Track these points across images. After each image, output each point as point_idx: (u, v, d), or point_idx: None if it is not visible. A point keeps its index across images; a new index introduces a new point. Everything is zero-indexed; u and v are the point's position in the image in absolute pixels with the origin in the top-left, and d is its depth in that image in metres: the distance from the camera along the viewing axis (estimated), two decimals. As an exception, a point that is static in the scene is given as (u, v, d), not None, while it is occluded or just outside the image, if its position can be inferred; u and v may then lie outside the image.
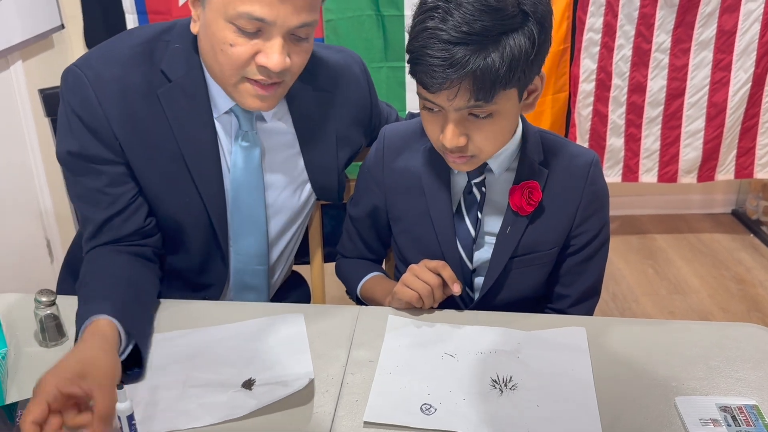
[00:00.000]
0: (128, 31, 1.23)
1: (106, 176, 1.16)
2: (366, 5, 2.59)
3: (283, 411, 0.99)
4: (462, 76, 0.98)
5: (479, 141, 1.08)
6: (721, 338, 1.14)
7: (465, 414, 0.96)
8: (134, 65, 1.14)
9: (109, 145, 1.15)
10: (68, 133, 1.16)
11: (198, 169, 1.20)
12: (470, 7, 0.97)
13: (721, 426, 0.94)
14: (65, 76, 1.16)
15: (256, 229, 1.29)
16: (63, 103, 1.16)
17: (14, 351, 1.10)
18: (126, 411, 0.85)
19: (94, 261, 1.18)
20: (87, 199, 1.19)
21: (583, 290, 1.26)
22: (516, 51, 0.99)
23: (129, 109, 1.14)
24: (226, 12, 1.04)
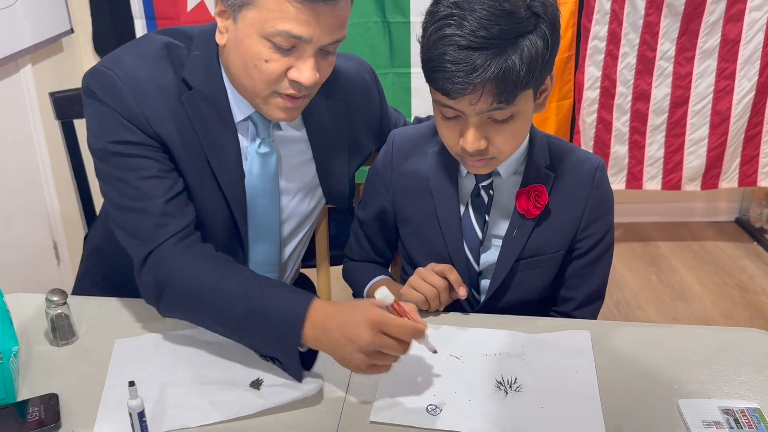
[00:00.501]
0: (148, 34, 1.23)
1: (158, 162, 1.14)
2: (372, 12, 2.62)
3: (291, 411, 1.00)
4: (485, 80, 1.00)
5: (499, 143, 1.10)
6: (724, 342, 1.15)
7: (470, 414, 0.98)
8: (163, 67, 1.15)
9: (152, 137, 1.13)
10: (111, 126, 1.13)
11: (223, 173, 1.20)
12: (484, 13, 0.99)
13: (724, 428, 0.95)
14: (95, 77, 1.14)
15: (270, 237, 1.31)
16: (95, 102, 1.13)
17: (25, 350, 1.12)
18: (137, 408, 0.86)
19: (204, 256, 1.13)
20: (142, 189, 1.12)
21: (588, 293, 1.27)
22: (533, 52, 1.01)
23: (163, 108, 1.13)
24: (263, 29, 1.05)
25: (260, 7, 1.04)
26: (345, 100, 1.31)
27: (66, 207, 2.57)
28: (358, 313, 0.97)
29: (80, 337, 1.15)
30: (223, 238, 1.25)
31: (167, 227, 1.12)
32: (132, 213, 1.13)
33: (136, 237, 1.13)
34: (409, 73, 2.71)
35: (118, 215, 1.15)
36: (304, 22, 1.04)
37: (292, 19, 1.03)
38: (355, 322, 0.97)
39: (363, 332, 0.95)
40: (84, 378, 1.06)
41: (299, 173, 1.31)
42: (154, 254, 1.11)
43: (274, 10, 1.03)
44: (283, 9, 1.02)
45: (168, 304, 1.12)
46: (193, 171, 1.18)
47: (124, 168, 1.13)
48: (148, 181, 1.13)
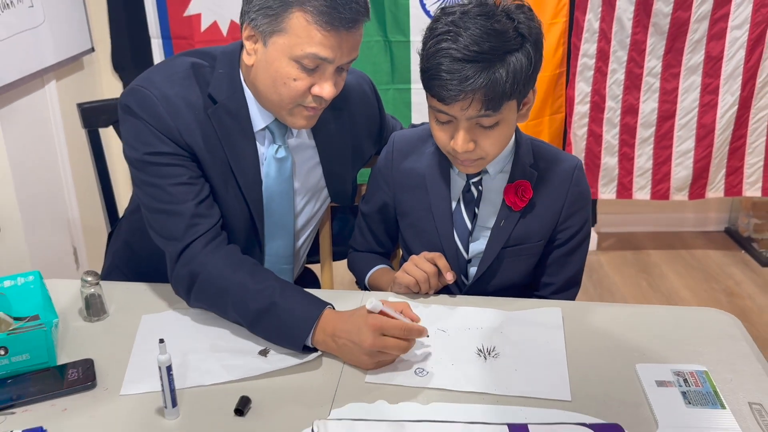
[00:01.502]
0: (175, 56, 1.38)
1: (190, 169, 1.29)
2: (374, 31, 2.78)
3: (294, 374, 1.14)
4: (475, 89, 1.16)
5: (485, 146, 1.25)
6: (683, 319, 1.29)
7: (453, 375, 1.11)
8: (190, 86, 1.30)
9: (183, 147, 1.28)
10: (143, 139, 1.27)
11: (243, 178, 1.35)
12: (477, 31, 1.15)
13: (674, 386, 1.08)
14: (132, 95, 1.28)
15: (286, 233, 1.46)
16: (132, 118, 1.28)
17: (62, 325, 1.26)
18: (165, 362, 1.00)
19: (232, 258, 1.27)
20: (175, 194, 1.26)
21: (566, 279, 1.41)
22: (518, 67, 1.17)
23: (192, 122, 1.28)
24: (292, 52, 1.21)
25: (290, 34, 1.20)
26: (348, 110, 1.46)
27: (85, 215, 2.72)
28: (359, 321, 1.14)
29: (110, 315, 1.30)
30: (243, 235, 1.40)
31: (198, 227, 1.27)
32: (166, 215, 1.28)
33: (169, 236, 1.28)
34: (409, 89, 2.87)
35: (152, 218, 1.30)
36: (328, 46, 1.20)
37: (318, 43, 1.19)
38: (358, 328, 1.13)
39: (366, 336, 1.11)
40: (114, 347, 1.20)
41: (308, 176, 1.46)
42: (187, 251, 1.27)
43: (302, 36, 1.19)
44: (311, 35, 1.19)
45: (198, 296, 1.27)
46: (217, 176, 1.33)
47: (159, 175, 1.28)
48: (179, 187, 1.28)
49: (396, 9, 2.74)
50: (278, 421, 1.02)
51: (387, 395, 1.07)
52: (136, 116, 1.28)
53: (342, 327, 1.15)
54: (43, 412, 1.05)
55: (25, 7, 2.29)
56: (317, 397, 1.07)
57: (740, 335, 1.24)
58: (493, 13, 1.17)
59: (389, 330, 1.12)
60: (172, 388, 1.02)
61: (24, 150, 2.36)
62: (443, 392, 1.08)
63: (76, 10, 2.68)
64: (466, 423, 0.99)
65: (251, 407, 1.05)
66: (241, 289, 1.22)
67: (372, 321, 1.12)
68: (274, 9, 1.19)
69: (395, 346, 1.12)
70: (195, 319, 1.28)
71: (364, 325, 1.12)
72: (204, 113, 1.30)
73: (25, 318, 1.17)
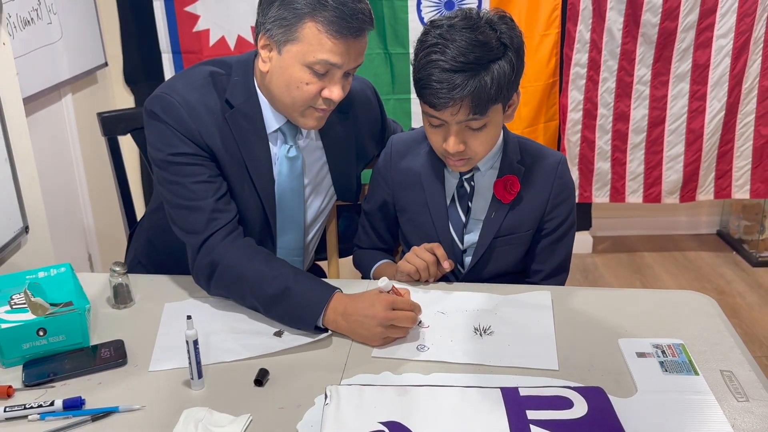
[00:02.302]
0: (194, 66, 1.50)
1: (208, 169, 1.41)
2: (375, 44, 2.91)
3: (306, 352, 1.25)
4: (463, 96, 1.28)
5: (474, 146, 1.37)
6: (667, 301, 1.40)
7: (452, 350, 1.22)
8: (209, 92, 1.42)
9: (204, 149, 1.40)
10: (167, 141, 1.39)
11: (258, 177, 1.47)
12: (463, 43, 1.27)
13: (653, 357, 1.19)
14: (156, 101, 1.40)
15: (297, 227, 1.58)
16: (157, 122, 1.40)
17: (92, 312, 1.37)
18: (192, 337, 1.11)
19: (250, 249, 1.39)
20: (195, 191, 1.38)
21: (555, 266, 1.53)
22: (501, 74, 1.29)
23: (211, 125, 1.41)
24: (305, 59, 1.33)
25: (303, 42, 1.32)
26: (353, 113, 1.59)
27: (99, 222, 2.83)
28: (372, 298, 1.27)
29: (136, 303, 1.41)
30: (258, 229, 1.52)
31: (217, 221, 1.39)
32: (188, 211, 1.40)
33: (191, 230, 1.40)
34: (409, 99, 2.99)
35: (175, 213, 1.42)
36: (338, 53, 1.32)
37: (329, 50, 1.32)
38: (371, 304, 1.25)
39: (379, 310, 1.23)
40: (141, 330, 1.31)
41: (317, 174, 1.58)
42: (207, 242, 1.38)
43: (314, 44, 1.31)
44: (322, 43, 1.31)
45: (217, 284, 1.38)
46: (234, 175, 1.45)
47: (181, 174, 1.40)
48: (200, 185, 1.40)
49: (395, 23, 2.86)
50: (294, 390, 1.13)
51: (392, 367, 1.18)
52: (161, 120, 1.39)
53: (353, 305, 1.27)
54: (80, 385, 1.16)
55: (44, 24, 2.41)
56: (328, 369, 1.18)
57: (715, 313, 1.35)
58: (477, 25, 1.29)
59: (399, 304, 1.25)
60: (198, 361, 1.12)
61: (42, 159, 2.47)
62: (442, 364, 1.19)
63: (91, 27, 2.82)
64: (463, 387, 1.09)
65: (269, 378, 1.15)
66: (258, 276, 1.33)
67: (384, 297, 1.25)
68: (289, 20, 1.31)
69: (405, 318, 1.24)
70: (214, 306, 1.39)
71: (377, 301, 1.25)
72: (222, 117, 1.42)
73: (60, 304, 1.28)
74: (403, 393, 1.08)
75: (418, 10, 2.86)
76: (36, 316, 1.22)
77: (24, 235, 1.74)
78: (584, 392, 1.07)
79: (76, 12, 2.68)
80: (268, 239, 1.54)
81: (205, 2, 2.83)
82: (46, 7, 2.42)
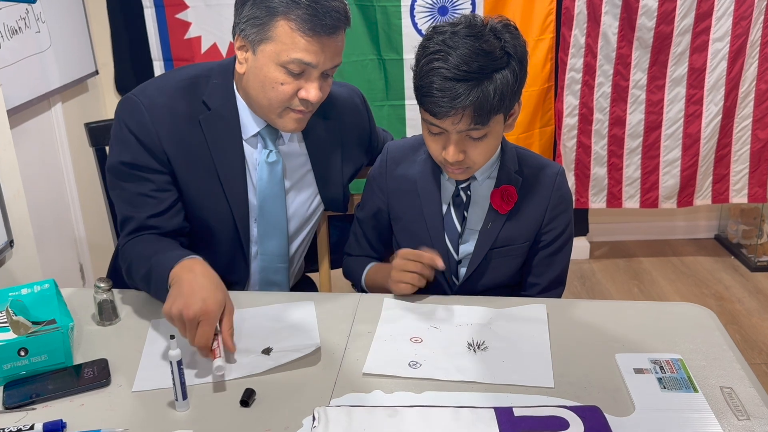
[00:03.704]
0: (176, 69, 1.50)
1: (153, 183, 1.41)
2: (369, 50, 2.89)
3: (296, 369, 1.21)
4: (465, 105, 1.25)
5: (474, 156, 1.34)
6: (662, 313, 1.37)
7: (445, 366, 1.19)
8: (181, 96, 1.41)
9: (158, 158, 1.40)
10: (123, 147, 1.40)
11: (228, 183, 1.45)
12: (466, 51, 1.24)
13: (651, 373, 1.16)
14: (124, 102, 1.42)
15: (279, 233, 1.55)
16: (119, 124, 1.41)
17: (76, 329, 1.34)
18: (176, 357, 1.07)
19: (147, 240, 1.41)
20: (134, 202, 1.41)
21: (551, 279, 1.50)
22: (504, 84, 1.26)
23: (176, 130, 1.40)
24: (279, 58, 1.32)
25: (276, 41, 1.31)
26: (339, 119, 1.56)
27: (91, 233, 2.80)
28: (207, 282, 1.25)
29: (122, 319, 1.38)
30: (228, 236, 1.50)
31: (138, 232, 1.42)
32: (121, 216, 1.44)
33: (119, 233, 1.45)
34: (403, 105, 2.96)
35: (119, 216, 1.45)
36: (312, 52, 1.31)
37: (303, 49, 1.30)
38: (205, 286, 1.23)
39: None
40: (126, 349, 1.28)
41: (300, 181, 1.55)
42: (122, 248, 1.44)
43: (288, 43, 1.30)
44: (296, 41, 1.30)
45: (127, 279, 1.43)
46: (201, 181, 1.44)
47: (124, 181, 1.42)
48: (139, 198, 1.41)
49: (389, 28, 2.84)
50: (282, 411, 1.09)
51: (382, 386, 1.15)
52: (122, 122, 1.40)
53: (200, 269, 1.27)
54: (62, 407, 1.12)
55: (32, 32, 2.38)
56: (317, 389, 1.15)
57: (714, 326, 1.31)
58: (482, 33, 1.26)
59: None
60: (183, 382, 1.09)
61: (32, 170, 2.44)
62: (435, 382, 1.16)
63: (81, 35, 2.79)
64: (455, 407, 1.06)
65: (256, 398, 1.12)
66: (135, 263, 1.38)
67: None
68: (261, 19, 1.30)
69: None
70: (201, 322, 1.36)
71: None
72: (191, 122, 1.41)
73: (43, 322, 1.24)
74: (393, 414, 1.04)
75: (411, 16, 2.83)
76: (17, 336, 1.19)
77: (8, 250, 1.71)
78: (580, 411, 1.04)
79: (66, 20, 2.65)
80: (237, 247, 1.52)
81: (196, 9, 2.80)
82: (34, 15, 2.39)
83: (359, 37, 2.83)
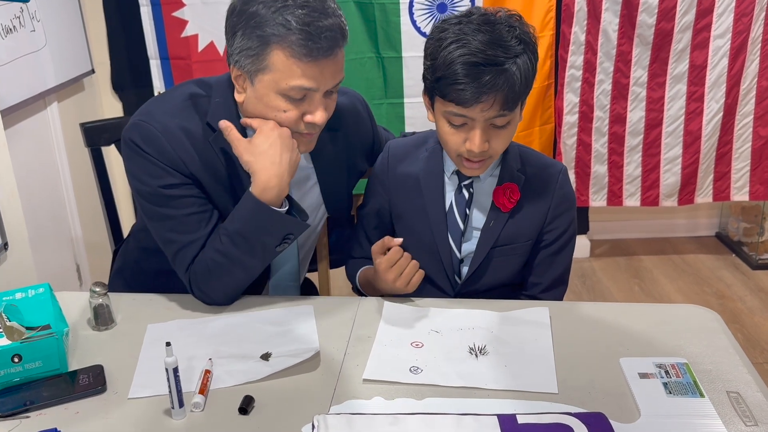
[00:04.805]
0: (173, 88, 1.44)
1: (197, 199, 1.36)
2: (367, 48, 2.86)
3: (295, 375, 1.19)
4: (496, 90, 1.24)
5: (497, 145, 1.33)
6: (667, 316, 1.35)
7: (446, 372, 1.17)
8: (189, 117, 1.36)
9: (188, 176, 1.35)
10: (153, 173, 1.33)
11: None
12: (487, 37, 1.24)
13: (656, 378, 1.14)
14: (135, 129, 1.34)
15: (291, 255, 1.53)
16: (137, 151, 1.34)
17: (72, 334, 1.31)
18: (172, 364, 1.05)
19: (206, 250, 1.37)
20: (188, 225, 1.35)
21: (553, 279, 1.48)
22: (526, 69, 1.27)
23: (194, 150, 1.35)
24: (278, 86, 1.27)
25: (273, 71, 1.26)
26: (343, 131, 1.52)
27: (88, 233, 2.78)
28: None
29: (117, 324, 1.35)
30: None
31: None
32: (181, 245, 1.37)
33: (181, 263, 1.38)
34: (402, 102, 2.94)
35: (167, 247, 1.39)
36: (311, 77, 1.27)
37: (301, 76, 1.26)
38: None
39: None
40: (122, 354, 1.25)
41: (306, 194, 1.52)
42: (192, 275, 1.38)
43: (285, 71, 1.26)
44: (292, 69, 1.25)
45: (204, 287, 1.37)
46: (222, 200, 1.40)
47: (173, 207, 1.35)
48: (193, 217, 1.36)
49: (387, 26, 2.82)
50: (281, 418, 1.07)
51: (383, 392, 1.13)
52: (142, 151, 1.33)
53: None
54: (57, 415, 1.10)
55: (27, 31, 2.36)
56: (317, 395, 1.13)
57: (720, 329, 1.29)
58: (496, 21, 1.26)
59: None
60: (179, 389, 1.07)
61: (28, 170, 2.42)
62: (436, 388, 1.14)
63: (77, 34, 2.76)
64: (458, 414, 1.04)
65: (254, 406, 1.10)
66: (215, 252, 1.35)
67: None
68: (254, 49, 1.26)
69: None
70: (198, 328, 1.34)
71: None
72: (204, 141, 1.36)
73: (37, 327, 1.22)
74: (394, 422, 1.02)
75: (410, 14, 2.81)
76: (11, 342, 1.17)
77: (3, 252, 1.69)
78: (585, 418, 1.02)
79: (61, 19, 2.62)
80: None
81: (192, 7, 2.78)
82: (29, 14, 2.36)
83: (358, 35, 2.81)
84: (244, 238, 1.33)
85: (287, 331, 1.32)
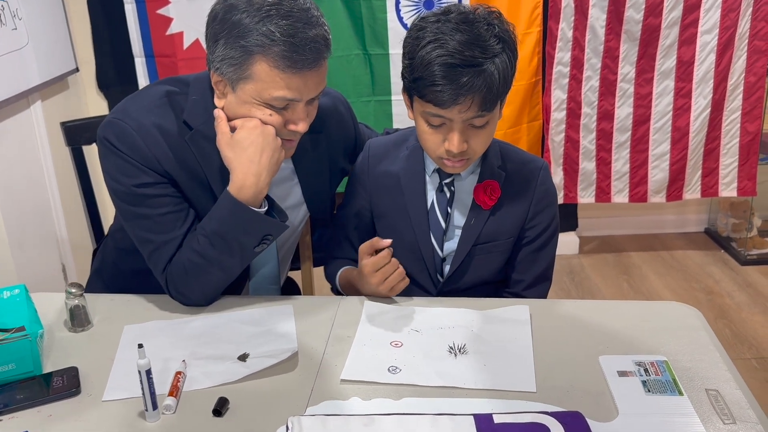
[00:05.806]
0: (149, 86, 1.42)
1: (173, 198, 1.34)
2: (354, 45, 2.85)
3: (272, 377, 1.18)
4: (474, 92, 1.22)
5: (476, 145, 1.32)
6: (647, 313, 1.34)
7: (425, 372, 1.16)
8: (164, 114, 1.34)
9: (163, 175, 1.33)
10: (127, 172, 1.31)
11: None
12: (465, 37, 1.22)
13: (635, 376, 1.13)
14: (109, 127, 1.32)
15: (270, 257, 1.52)
16: (111, 149, 1.32)
17: (47, 336, 1.30)
18: (145, 366, 1.04)
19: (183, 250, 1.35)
20: (164, 224, 1.33)
21: (536, 275, 1.47)
22: (504, 68, 1.25)
23: (169, 149, 1.33)
24: (261, 96, 1.26)
25: (256, 81, 1.24)
26: (325, 132, 1.50)
27: (73, 232, 2.76)
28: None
29: (94, 325, 1.34)
30: None
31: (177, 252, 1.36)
32: (157, 245, 1.35)
33: (157, 263, 1.36)
34: (389, 100, 2.93)
35: (143, 247, 1.37)
36: (294, 88, 1.25)
37: (284, 87, 1.24)
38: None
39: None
40: (98, 356, 1.24)
41: (287, 194, 1.50)
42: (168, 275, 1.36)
43: (268, 82, 1.24)
44: (276, 81, 1.24)
45: (181, 288, 1.36)
46: (199, 199, 1.38)
47: (148, 206, 1.33)
48: (168, 216, 1.34)
49: (374, 23, 2.80)
50: (255, 420, 1.06)
51: (360, 392, 1.12)
52: (116, 149, 1.32)
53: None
54: (30, 418, 1.09)
55: (9, 29, 2.34)
56: (293, 396, 1.12)
57: (701, 327, 1.29)
58: (475, 20, 1.24)
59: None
60: (152, 392, 1.06)
61: (11, 169, 2.40)
62: (415, 388, 1.13)
63: (60, 31, 2.74)
64: (433, 414, 1.03)
65: (229, 408, 1.09)
66: (194, 254, 1.33)
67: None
68: (237, 59, 1.24)
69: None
70: (175, 329, 1.32)
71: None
72: (180, 139, 1.34)
73: (11, 329, 1.20)
74: (369, 423, 1.01)
75: (397, 10, 2.80)
76: (-16, 344, 1.15)
77: (-19, 254, 1.67)
78: (562, 418, 1.01)
79: (44, 16, 2.60)
80: None
81: (177, 4, 2.76)
82: (10, 12, 2.34)
83: (344, 32, 2.79)
84: (221, 238, 1.31)
85: (266, 332, 1.31)
